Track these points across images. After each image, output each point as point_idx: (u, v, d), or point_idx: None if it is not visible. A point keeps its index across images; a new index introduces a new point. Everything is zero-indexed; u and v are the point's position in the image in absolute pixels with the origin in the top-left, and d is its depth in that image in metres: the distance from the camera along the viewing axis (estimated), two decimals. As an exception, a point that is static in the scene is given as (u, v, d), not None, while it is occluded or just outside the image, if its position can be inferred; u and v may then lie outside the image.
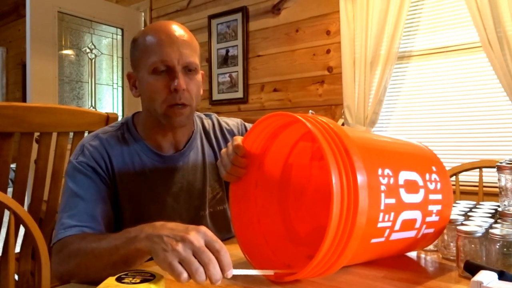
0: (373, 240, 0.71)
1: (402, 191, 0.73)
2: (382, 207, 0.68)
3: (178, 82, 0.89)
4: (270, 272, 0.71)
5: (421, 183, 0.78)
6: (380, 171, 0.70)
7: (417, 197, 0.76)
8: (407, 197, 0.74)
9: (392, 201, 0.71)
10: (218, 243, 0.62)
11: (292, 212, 0.90)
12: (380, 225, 0.69)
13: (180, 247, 0.60)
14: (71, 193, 0.89)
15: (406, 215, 0.74)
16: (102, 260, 0.72)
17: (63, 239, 0.83)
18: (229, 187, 0.85)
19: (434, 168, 0.83)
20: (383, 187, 0.69)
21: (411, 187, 0.76)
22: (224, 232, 1.05)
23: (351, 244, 0.64)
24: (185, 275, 0.59)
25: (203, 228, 0.63)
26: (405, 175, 0.75)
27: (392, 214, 0.71)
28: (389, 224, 0.71)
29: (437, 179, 0.82)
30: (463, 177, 1.51)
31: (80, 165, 0.92)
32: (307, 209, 0.91)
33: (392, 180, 0.71)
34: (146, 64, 0.91)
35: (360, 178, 0.64)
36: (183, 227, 0.64)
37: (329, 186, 0.62)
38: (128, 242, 0.68)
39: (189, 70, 0.92)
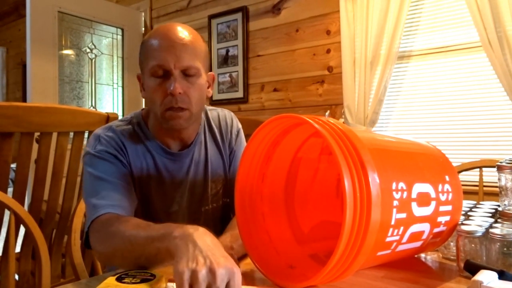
0: (379, 253, 0.69)
1: (414, 204, 0.71)
2: (392, 223, 0.66)
3: (173, 86, 0.89)
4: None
5: (433, 195, 0.75)
6: (394, 185, 0.67)
7: (427, 210, 0.74)
8: (418, 211, 0.71)
9: (403, 215, 0.68)
10: None
11: (297, 207, 0.89)
12: (388, 239, 0.68)
13: (201, 274, 0.57)
14: (95, 178, 0.91)
15: (415, 228, 0.72)
16: (137, 250, 0.71)
17: (99, 218, 0.83)
18: (236, 180, 0.85)
19: (447, 178, 0.80)
20: (395, 203, 0.67)
21: (423, 200, 0.73)
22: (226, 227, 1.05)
23: (358, 260, 0.63)
24: None
25: (236, 268, 0.60)
26: (418, 188, 0.72)
27: (402, 228, 0.69)
28: (397, 238, 0.69)
29: (449, 189, 0.79)
30: (463, 176, 1.50)
31: (100, 153, 0.93)
32: (312, 204, 0.90)
33: (405, 194, 0.69)
34: (147, 68, 0.93)
35: (374, 195, 0.62)
36: (220, 252, 0.61)
37: (336, 183, 0.61)
38: (163, 237, 0.66)
39: (188, 74, 0.92)
